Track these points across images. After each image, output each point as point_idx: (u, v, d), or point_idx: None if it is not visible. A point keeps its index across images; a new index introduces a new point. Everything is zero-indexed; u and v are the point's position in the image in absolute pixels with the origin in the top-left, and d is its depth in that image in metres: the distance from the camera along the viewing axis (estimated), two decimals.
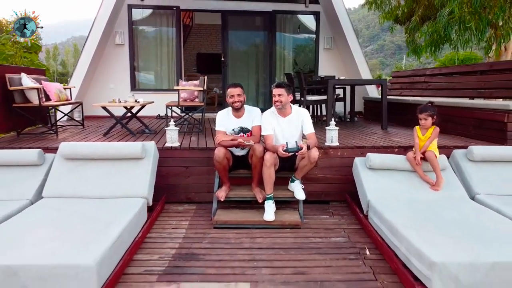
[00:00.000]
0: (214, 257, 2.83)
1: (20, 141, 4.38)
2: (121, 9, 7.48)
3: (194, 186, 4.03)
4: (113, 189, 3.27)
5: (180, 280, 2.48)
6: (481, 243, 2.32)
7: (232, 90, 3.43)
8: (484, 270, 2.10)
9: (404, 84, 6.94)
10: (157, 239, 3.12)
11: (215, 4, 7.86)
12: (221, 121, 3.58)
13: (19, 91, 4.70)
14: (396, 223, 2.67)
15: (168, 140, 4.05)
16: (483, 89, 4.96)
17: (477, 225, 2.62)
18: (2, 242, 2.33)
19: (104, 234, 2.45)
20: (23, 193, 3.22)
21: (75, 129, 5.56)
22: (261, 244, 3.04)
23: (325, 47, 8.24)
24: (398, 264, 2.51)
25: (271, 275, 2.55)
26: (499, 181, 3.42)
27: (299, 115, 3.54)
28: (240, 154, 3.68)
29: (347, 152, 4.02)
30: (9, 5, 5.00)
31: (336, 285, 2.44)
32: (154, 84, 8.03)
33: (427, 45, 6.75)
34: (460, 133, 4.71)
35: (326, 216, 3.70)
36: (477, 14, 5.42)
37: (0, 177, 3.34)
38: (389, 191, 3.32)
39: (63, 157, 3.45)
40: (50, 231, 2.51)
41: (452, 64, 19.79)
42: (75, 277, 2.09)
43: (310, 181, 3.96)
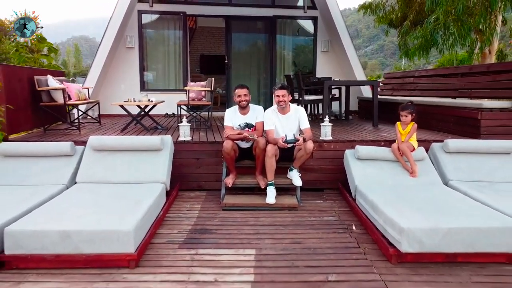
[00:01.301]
0: (225, 231, 3.36)
1: (48, 136, 4.91)
2: (132, 15, 8.00)
3: (204, 175, 4.56)
4: (136, 176, 3.80)
5: (197, 248, 3.01)
6: (442, 215, 2.86)
7: (240, 91, 3.97)
8: (441, 234, 2.64)
9: (395, 84, 7.48)
10: (175, 218, 3.66)
11: (219, 10, 8.40)
12: (229, 117, 4.12)
13: (45, 91, 5.23)
14: (377, 202, 3.20)
15: (181, 134, 4.58)
16: (463, 90, 5.48)
17: (443, 203, 3.15)
18: (54, 214, 2.86)
19: (135, 209, 2.99)
20: (59, 179, 3.75)
21: (93, 126, 6.09)
22: (263, 222, 3.57)
23: (323, 50, 8.77)
24: (378, 235, 3.04)
25: (272, 244, 3.09)
26: (469, 169, 3.95)
27: (296, 112, 4.08)
28: (245, 146, 4.21)
29: (339, 145, 4.55)
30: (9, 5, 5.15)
31: (326, 251, 2.97)
32: (162, 84, 8.55)
33: (416, 49, 7.28)
34: (442, 129, 5.23)
35: (320, 201, 4.23)
36: (460, 21, 5.95)
37: (39, 165, 3.86)
38: (374, 178, 3.85)
39: (92, 148, 3.98)
40: (91, 207, 3.05)
41: (451, 64, 20.30)
42: (117, 240, 2.62)
43: (306, 171, 4.48)
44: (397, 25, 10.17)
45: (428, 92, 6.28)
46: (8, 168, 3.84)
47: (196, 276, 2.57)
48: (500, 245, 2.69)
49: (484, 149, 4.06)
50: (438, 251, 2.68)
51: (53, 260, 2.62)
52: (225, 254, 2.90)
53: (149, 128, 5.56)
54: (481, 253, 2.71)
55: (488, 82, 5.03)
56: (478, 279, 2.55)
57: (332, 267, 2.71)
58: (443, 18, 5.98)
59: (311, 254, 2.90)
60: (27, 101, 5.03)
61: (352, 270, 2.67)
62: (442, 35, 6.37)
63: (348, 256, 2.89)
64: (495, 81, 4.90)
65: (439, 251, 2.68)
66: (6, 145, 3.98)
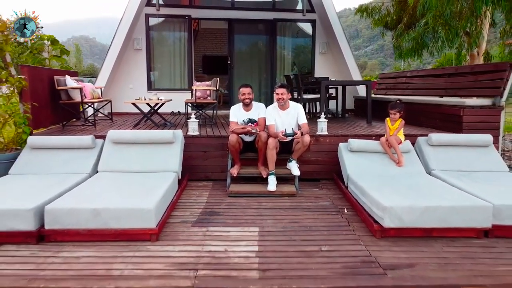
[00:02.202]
0: (231, 213, 3.80)
1: (66, 132, 5.34)
2: (139, 18, 8.44)
3: (211, 166, 5.00)
4: (152, 165, 4.24)
5: (208, 226, 3.45)
6: (420, 196, 3.30)
7: (244, 90, 4.41)
8: (419, 212, 3.08)
9: (388, 84, 7.91)
10: (186, 203, 4.09)
11: (222, 14, 8.84)
12: (234, 114, 4.56)
13: (64, 90, 5.66)
14: (366, 187, 3.64)
15: (190, 129, 5.02)
16: (450, 89, 5.92)
17: (423, 188, 3.59)
18: (84, 196, 3.31)
19: (153, 192, 3.43)
20: (82, 168, 4.19)
21: (106, 122, 6.52)
22: (265, 206, 4.01)
23: (321, 52, 9.21)
24: (365, 215, 3.47)
25: (273, 223, 3.53)
26: (450, 160, 4.38)
27: (295, 108, 4.52)
28: (249, 140, 4.65)
29: (334, 139, 4.98)
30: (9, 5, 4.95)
31: (320, 228, 3.41)
32: (168, 84, 8.98)
33: (408, 51, 7.71)
34: (429, 125, 5.67)
35: (317, 189, 4.66)
36: (448, 25, 6.39)
37: (64, 156, 4.30)
38: (364, 168, 4.29)
39: (111, 141, 4.42)
40: (115, 191, 3.49)
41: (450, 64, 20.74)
42: (140, 216, 3.06)
43: (304, 163, 4.92)
44: (392, 28, 10.60)
45: (419, 91, 6.71)
46: (36, 159, 4.27)
47: (208, 247, 3.01)
48: (469, 221, 3.13)
49: (463, 142, 4.50)
50: (416, 226, 3.12)
51: (86, 234, 3.07)
52: (232, 231, 3.34)
53: (158, 124, 5.99)
54: (453, 228, 3.15)
55: (471, 82, 5.47)
56: (449, 249, 2.99)
57: (325, 240, 3.14)
58: (432, 22, 6.42)
59: (307, 231, 3.34)
60: (47, 100, 5.47)
61: (342, 243, 3.10)
62: (432, 38, 6.80)
63: (339, 232, 3.33)
64: (477, 81, 5.34)
65: (417, 226, 3.12)
66: (34, 138, 4.42)
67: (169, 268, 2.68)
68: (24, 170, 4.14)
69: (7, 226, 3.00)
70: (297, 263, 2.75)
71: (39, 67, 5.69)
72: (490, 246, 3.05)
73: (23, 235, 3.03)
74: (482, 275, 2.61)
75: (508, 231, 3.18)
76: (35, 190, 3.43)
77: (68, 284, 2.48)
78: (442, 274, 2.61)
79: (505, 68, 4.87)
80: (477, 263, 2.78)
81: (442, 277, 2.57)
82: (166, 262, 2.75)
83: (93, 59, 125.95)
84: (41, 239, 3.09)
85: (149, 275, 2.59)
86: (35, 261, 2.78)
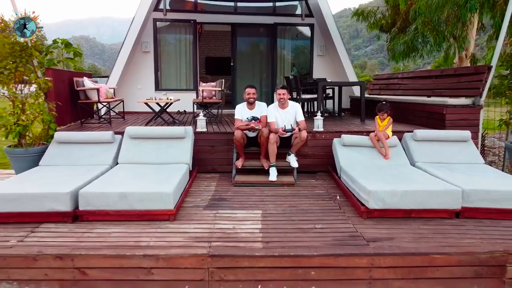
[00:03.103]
0: (237, 199, 4.32)
1: (85, 129, 5.86)
2: (148, 22, 8.95)
3: (217, 160, 5.51)
4: (166, 158, 4.76)
5: (217, 209, 3.97)
6: (401, 182, 3.82)
7: (249, 90, 4.93)
8: (399, 195, 3.59)
9: (382, 85, 8.43)
10: (197, 191, 4.61)
11: (226, 18, 9.36)
12: (239, 112, 5.08)
13: (82, 91, 6.18)
14: (355, 176, 4.15)
15: (198, 126, 5.54)
16: (436, 89, 6.43)
17: (405, 176, 4.11)
18: (111, 182, 3.82)
19: (170, 180, 3.94)
20: (104, 160, 4.70)
21: (118, 120, 7.03)
22: (267, 194, 4.52)
23: (319, 54, 9.72)
24: (354, 200, 3.99)
25: (274, 207, 4.04)
26: (432, 153, 4.89)
27: (293, 107, 5.04)
28: (252, 135, 5.16)
29: (329, 135, 5.50)
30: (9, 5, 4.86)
31: (315, 211, 3.93)
32: (174, 84, 9.49)
33: (399, 54, 8.23)
34: (417, 122, 6.18)
35: (313, 180, 5.18)
36: (435, 30, 6.90)
37: (87, 150, 4.81)
38: (355, 160, 4.80)
39: (129, 137, 4.94)
40: (136, 179, 4.01)
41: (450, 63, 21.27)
42: (161, 199, 3.58)
43: (302, 157, 5.43)
44: (387, 30, 11.11)
45: (409, 91, 7.23)
46: (63, 152, 4.79)
47: (219, 225, 3.53)
48: (442, 204, 3.64)
49: (444, 138, 5.01)
50: (397, 207, 3.64)
51: (114, 214, 3.58)
52: (239, 213, 3.86)
53: (168, 122, 6.51)
54: (429, 210, 3.67)
55: (455, 83, 5.99)
56: (425, 227, 3.50)
57: (319, 220, 3.66)
58: (421, 27, 6.94)
59: (303, 213, 3.86)
60: (67, 99, 5.99)
61: (333, 222, 3.62)
62: (421, 42, 7.32)
63: (331, 214, 3.85)
64: (460, 83, 5.86)
65: (398, 207, 3.64)
66: (60, 133, 4.94)
67: (187, 240, 3.20)
68: (52, 162, 4.66)
69: (47, 207, 3.52)
70: (294, 237, 3.27)
71: (61, 70, 6.21)
72: (460, 225, 3.57)
73: (60, 215, 3.55)
74: (449, 245, 3.13)
75: (476, 212, 3.69)
76: (67, 178, 3.95)
77: (104, 252, 2.99)
78: (416, 245, 3.13)
79: (484, 70, 5.39)
80: (446, 237, 3.29)
81: (415, 247, 3.09)
82: (184, 236, 3.28)
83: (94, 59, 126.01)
84: (75, 219, 3.61)
85: (170, 245, 3.11)
86: (74, 235, 3.30)
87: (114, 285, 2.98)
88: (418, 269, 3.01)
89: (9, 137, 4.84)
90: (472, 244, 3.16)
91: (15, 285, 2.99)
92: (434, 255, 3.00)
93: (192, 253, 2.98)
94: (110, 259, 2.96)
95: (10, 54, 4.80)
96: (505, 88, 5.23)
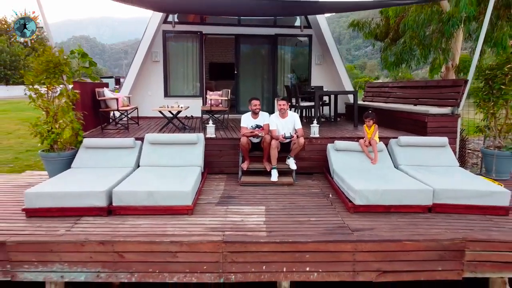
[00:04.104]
0: (244, 197, 5.02)
1: (106, 134, 6.55)
2: (158, 34, 9.65)
3: (225, 162, 6.21)
4: (181, 161, 5.46)
5: (227, 205, 4.67)
6: (383, 183, 4.52)
7: (255, 101, 5.66)
8: (380, 193, 4.30)
9: (374, 92, 9.13)
10: (208, 190, 5.31)
11: (230, 30, 10.06)
12: (244, 121, 5.78)
13: (103, 100, 6.88)
14: (345, 177, 4.85)
15: (208, 133, 6.24)
16: (422, 99, 7.13)
17: (387, 178, 4.81)
18: (138, 182, 4.53)
19: (187, 180, 4.65)
20: (127, 163, 5.40)
21: (133, 126, 7.73)
22: (269, 192, 5.22)
23: (317, 63, 10.42)
24: (344, 197, 4.69)
25: (275, 204, 4.74)
26: (413, 157, 5.59)
27: (292, 116, 5.74)
28: (256, 141, 5.86)
29: (324, 141, 6.19)
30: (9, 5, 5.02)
31: (310, 207, 4.63)
32: (181, 91, 10.19)
33: (391, 64, 8.92)
34: (404, 129, 6.88)
35: (310, 181, 5.88)
36: (421, 44, 7.59)
37: (111, 154, 5.51)
38: (346, 163, 5.50)
39: (149, 142, 5.65)
40: (158, 179, 4.71)
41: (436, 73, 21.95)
42: (180, 196, 4.28)
43: (300, 160, 6.12)
44: (382, 39, 11.80)
45: (398, 100, 7.93)
46: (91, 156, 5.49)
47: (230, 218, 4.23)
48: (417, 200, 4.35)
49: (425, 143, 5.72)
50: (379, 203, 4.34)
51: (142, 209, 4.28)
52: (246, 208, 4.56)
53: (179, 127, 7.21)
54: (406, 205, 4.37)
55: (437, 94, 6.69)
56: (401, 219, 4.20)
57: (313, 214, 4.36)
58: (409, 41, 7.63)
59: (300, 209, 4.56)
60: (90, 108, 6.69)
61: (325, 216, 4.32)
62: (409, 55, 8.01)
63: (324, 209, 4.55)
64: (441, 93, 6.56)
65: (379, 203, 4.34)
66: (88, 140, 5.64)
67: (204, 230, 3.90)
68: (83, 165, 5.36)
69: (86, 203, 4.22)
70: (293, 228, 3.97)
71: (85, 82, 6.90)
72: (430, 218, 4.27)
73: (97, 210, 4.25)
74: (419, 234, 3.83)
75: (445, 207, 4.39)
76: (100, 178, 4.65)
77: (138, 239, 3.70)
78: (391, 233, 3.83)
79: (461, 84, 6.09)
80: (418, 228, 4.00)
81: (391, 235, 3.79)
82: (201, 227, 3.98)
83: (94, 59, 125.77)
84: (109, 213, 4.31)
85: (191, 234, 3.81)
86: (110, 226, 4.01)
87: (146, 266, 3.68)
88: (392, 253, 3.71)
89: (44, 143, 5.53)
90: (438, 233, 3.86)
91: (65, 266, 3.69)
92: (405, 242, 3.71)
93: (209, 240, 3.68)
94: (143, 245, 3.67)
95: (45, 71, 5.49)
96: (480, 99, 5.92)
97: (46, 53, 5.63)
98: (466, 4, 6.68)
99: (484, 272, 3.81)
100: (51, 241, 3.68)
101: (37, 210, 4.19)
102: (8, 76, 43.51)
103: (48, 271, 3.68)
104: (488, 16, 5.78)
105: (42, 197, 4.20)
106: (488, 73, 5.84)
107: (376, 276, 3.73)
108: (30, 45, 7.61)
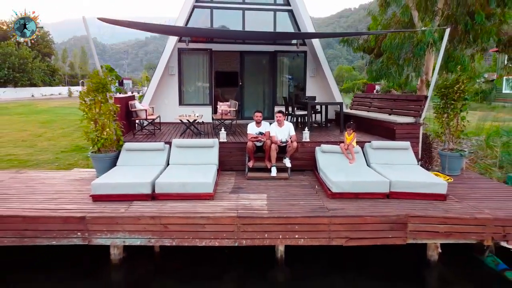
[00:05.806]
0: (250, 188, 6.59)
1: (137, 138, 8.11)
2: (173, 51, 11.21)
3: (234, 161, 7.78)
4: (201, 160, 7.03)
5: (238, 193, 6.24)
6: (354, 176, 6.10)
7: (258, 114, 7.24)
8: (351, 184, 5.87)
9: (360, 102, 10.71)
10: (222, 183, 6.88)
11: (236, 47, 11.65)
12: (250, 129, 7.36)
13: (135, 111, 8.45)
14: (327, 172, 6.41)
15: (221, 138, 7.81)
16: (395, 109, 8.69)
17: (359, 172, 6.38)
18: (172, 175, 6.10)
19: (208, 174, 6.22)
20: (160, 162, 6.97)
21: (157, 131, 9.29)
22: (270, 184, 6.79)
23: (311, 75, 12.00)
24: (325, 188, 6.26)
25: (274, 193, 6.31)
26: (382, 157, 7.15)
27: (288, 125, 7.33)
28: (259, 145, 7.43)
29: (313, 144, 7.75)
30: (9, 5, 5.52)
31: (301, 195, 6.19)
32: (194, 100, 11.76)
33: (372, 79, 10.50)
34: (379, 134, 8.43)
35: (301, 176, 7.45)
36: (396, 64, 9.16)
37: (147, 155, 7.07)
38: (330, 162, 7.06)
39: (175, 146, 7.22)
40: (186, 173, 6.28)
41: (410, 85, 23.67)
42: (204, 186, 5.85)
43: (294, 160, 7.66)
44: (369, 53, 13.35)
45: (377, 109, 9.49)
46: (131, 157, 7.06)
47: (240, 202, 5.80)
48: (378, 189, 5.92)
49: (392, 146, 7.29)
50: (350, 191, 5.91)
51: (176, 196, 5.85)
52: (252, 195, 6.13)
53: (195, 133, 8.77)
54: (370, 193, 5.94)
55: (405, 106, 8.26)
56: (365, 203, 5.77)
57: (302, 199, 5.93)
58: (386, 61, 9.19)
59: (293, 196, 6.13)
60: (125, 117, 8.27)
61: (311, 200, 5.89)
62: (386, 72, 9.60)
63: (311, 196, 6.12)
64: (408, 106, 8.14)
65: (350, 191, 5.91)
66: (128, 144, 7.22)
67: (223, 210, 5.47)
68: (125, 163, 6.93)
69: (136, 191, 5.79)
70: (287, 208, 5.54)
71: (121, 96, 8.48)
72: (387, 202, 5.84)
73: (144, 196, 5.82)
74: (376, 211, 5.40)
75: (399, 195, 5.95)
76: (144, 173, 6.21)
77: (178, 215, 5.26)
78: (356, 211, 5.40)
79: (422, 98, 7.66)
80: (376, 208, 5.56)
81: (355, 212, 5.36)
82: (221, 207, 5.55)
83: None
84: (153, 198, 5.87)
85: (214, 212, 5.37)
86: (155, 207, 5.57)
87: (183, 234, 5.24)
88: (357, 225, 5.28)
89: (94, 147, 7.10)
90: (390, 212, 5.43)
91: (126, 234, 5.25)
92: (366, 217, 5.28)
93: (227, 215, 5.25)
94: (181, 219, 5.23)
95: (95, 89, 7.06)
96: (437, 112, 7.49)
97: (94, 75, 7.20)
98: (431, 32, 8.23)
99: (422, 239, 5.38)
100: (117, 216, 5.25)
101: (101, 196, 5.76)
102: (16, 79, 45.05)
103: (114, 237, 5.25)
104: (444, 45, 7.35)
105: (104, 187, 5.77)
106: (443, 90, 7.41)
107: (345, 241, 5.29)
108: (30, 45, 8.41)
